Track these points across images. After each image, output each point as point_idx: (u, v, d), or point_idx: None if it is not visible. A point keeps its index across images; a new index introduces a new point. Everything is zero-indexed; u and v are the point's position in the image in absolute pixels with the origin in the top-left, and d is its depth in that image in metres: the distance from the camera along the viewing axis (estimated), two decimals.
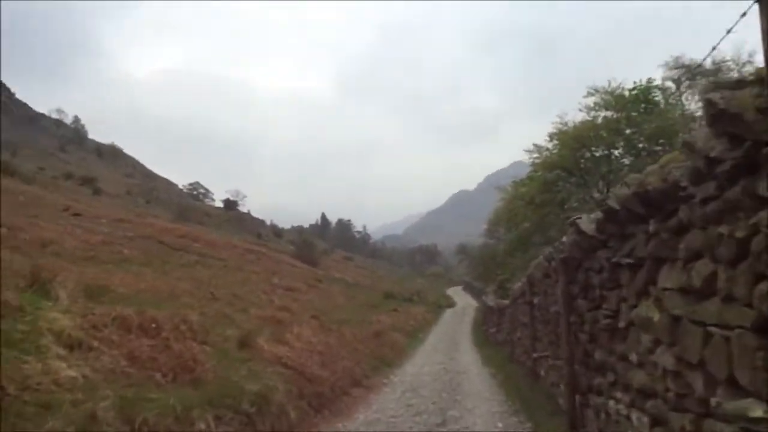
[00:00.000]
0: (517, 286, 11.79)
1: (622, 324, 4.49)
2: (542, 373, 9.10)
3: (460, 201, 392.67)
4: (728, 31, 2.92)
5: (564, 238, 6.19)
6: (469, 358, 15.15)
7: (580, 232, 5.26)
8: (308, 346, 8.10)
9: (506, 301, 16.22)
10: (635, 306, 4.12)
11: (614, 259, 4.49)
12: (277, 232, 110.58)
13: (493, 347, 17.90)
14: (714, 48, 3.25)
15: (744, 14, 2.53)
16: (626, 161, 25.22)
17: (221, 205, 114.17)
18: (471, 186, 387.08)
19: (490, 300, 23.38)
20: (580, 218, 5.37)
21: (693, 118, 25.11)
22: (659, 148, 23.82)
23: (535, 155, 25.37)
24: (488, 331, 21.87)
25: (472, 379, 10.84)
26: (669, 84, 25.30)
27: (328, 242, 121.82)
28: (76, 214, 38.07)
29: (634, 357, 4.21)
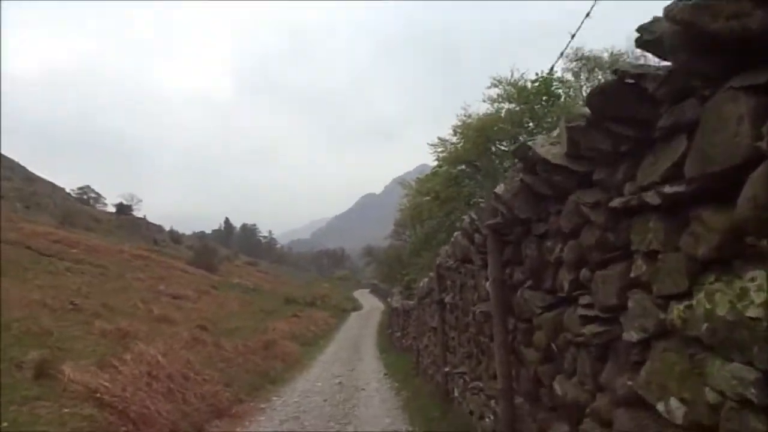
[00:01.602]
0: (423, 282, 9.76)
1: (633, 335, 2.32)
2: (456, 393, 7.05)
3: (367, 204, 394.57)
4: (572, 36, 4.59)
5: (498, 190, 3.83)
6: (371, 369, 13.57)
7: (532, 166, 3.13)
8: (151, 369, 6.14)
9: (412, 302, 14.84)
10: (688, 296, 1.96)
11: (615, 202, 2.40)
12: (175, 237, 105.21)
13: (398, 354, 16.40)
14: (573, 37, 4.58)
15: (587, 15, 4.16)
16: None
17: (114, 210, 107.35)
18: (378, 189, 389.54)
19: (395, 301, 21.98)
20: (528, 144, 3.15)
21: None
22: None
23: (440, 149, 24.36)
24: (393, 335, 20.37)
25: (371, 397, 9.19)
26: (569, 77, 25.14)
27: (231, 248, 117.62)
28: None
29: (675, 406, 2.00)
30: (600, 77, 23.92)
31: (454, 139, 24.48)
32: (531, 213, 3.49)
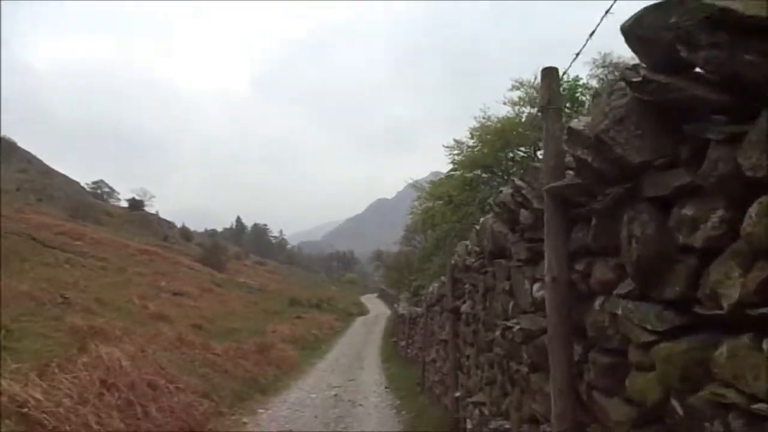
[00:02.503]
0: (433, 287, 8.70)
1: None
2: (470, 426, 5.53)
3: (379, 209, 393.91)
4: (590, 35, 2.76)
5: (578, 123, 2.22)
6: (372, 380, 12.48)
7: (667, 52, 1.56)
8: (107, 377, 5.26)
9: (419, 309, 13.82)
10: None
11: None
12: (186, 234, 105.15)
13: (403, 364, 15.28)
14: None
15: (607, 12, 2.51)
16: None
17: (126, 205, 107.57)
18: (390, 195, 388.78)
19: (402, 308, 21.03)
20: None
21: None
22: None
23: (456, 152, 23.43)
24: (398, 344, 19.38)
25: (368, 416, 8.09)
26: (594, 84, 24.10)
27: (242, 247, 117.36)
28: None
29: None
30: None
31: (471, 142, 23.57)
32: (653, 151, 1.85)
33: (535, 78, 22.55)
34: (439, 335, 7.52)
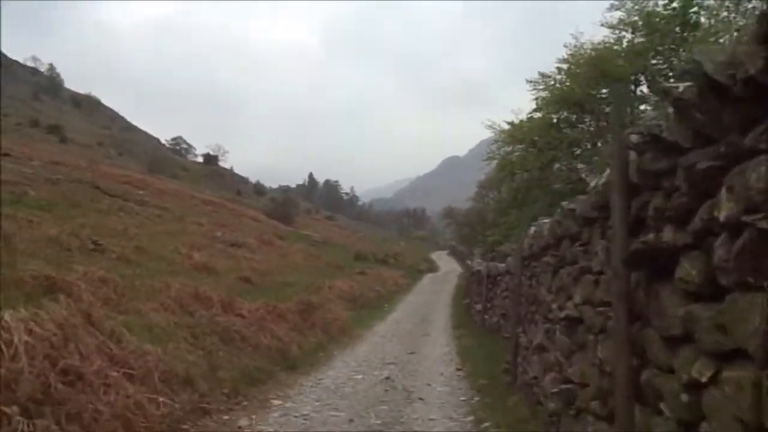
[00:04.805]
0: (539, 228, 5.36)
1: None
2: None
3: (451, 166, 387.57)
4: None
5: None
6: (438, 354, 9.80)
7: None
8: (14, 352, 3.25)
9: (502, 265, 10.92)
10: None
11: None
12: (259, 189, 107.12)
13: (478, 334, 12.31)
14: None
15: None
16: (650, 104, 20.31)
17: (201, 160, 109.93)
18: (462, 152, 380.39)
19: (477, 263, 18.40)
20: None
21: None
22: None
23: (540, 87, 20.24)
24: (472, 307, 16.75)
25: (430, 421, 5.43)
26: (711, 2, 20.02)
27: (313, 203, 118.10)
28: (5, 155, 33.39)
29: None
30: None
31: (559, 77, 20.32)
32: None
33: None
34: (551, 306, 4.51)
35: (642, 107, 20.37)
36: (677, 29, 19.04)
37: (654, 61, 19.78)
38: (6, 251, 6.88)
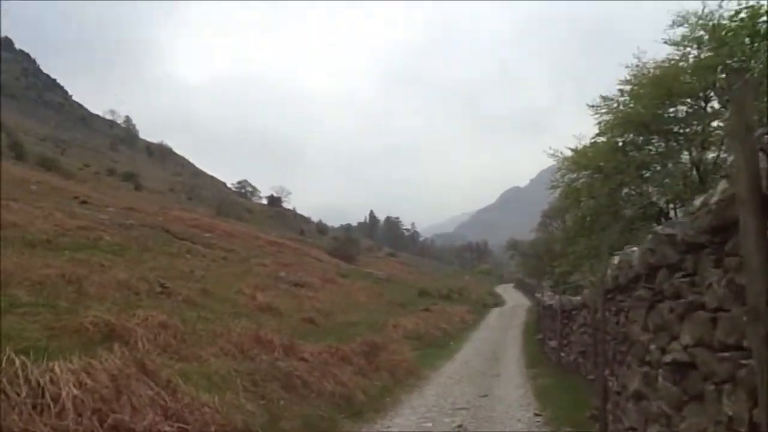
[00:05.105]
0: (626, 255, 4.68)
1: None
2: None
3: (512, 198, 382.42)
4: None
5: None
6: (514, 397, 9.05)
7: None
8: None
9: (577, 298, 10.29)
10: None
11: None
12: (321, 229, 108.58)
13: (555, 373, 11.57)
14: None
15: None
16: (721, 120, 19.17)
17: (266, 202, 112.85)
18: (523, 182, 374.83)
19: (548, 297, 17.52)
20: None
21: None
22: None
23: (603, 110, 19.52)
24: (545, 343, 15.78)
25: None
26: None
27: (375, 240, 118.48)
28: (84, 202, 35.22)
29: None
30: None
31: (622, 99, 19.58)
32: None
33: (703, 8, 18.01)
34: (647, 346, 3.88)
35: (715, 124, 19.30)
36: (746, 40, 18.02)
37: (722, 76, 18.76)
38: (75, 296, 6.96)
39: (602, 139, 20.28)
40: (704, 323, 2.81)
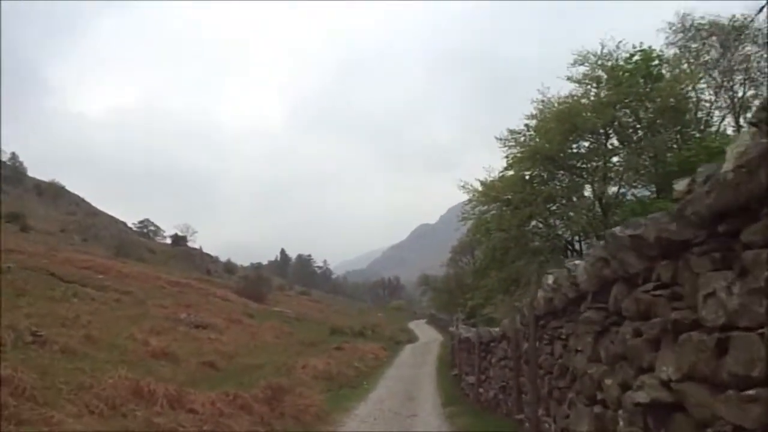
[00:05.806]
0: (562, 274, 4.28)
1: None
2: None
3: (422, 234, 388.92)
4: None
5: None
6: None
7: None
8: None
9: (496, 330, 9.72)
10: None
11: None
12: (230, 268, 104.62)
13: (473, 412, 10.80)
14: None
15: None
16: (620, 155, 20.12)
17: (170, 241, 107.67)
18: (433, 219, 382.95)
19: (464, 329, 17.11)
20: None
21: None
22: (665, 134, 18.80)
23: (511, 143, 19.88)
24: (462, 379, 15.23)
25: None
26: (672, 51, 20.20)
27: (286, 278, 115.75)
28: None
29: None
30: (716, 46, 18.98)
31: (528, 133, 20.07)
32: None
33: (602, 48, 18.93)
34: (600, 381, 3.29)
35: (614, 159, 20.16)
36: (641, 81, 19.09)
37: (621, 113, 19.73)
38: None
39: (510, 172, 20.62)
40: (700, 349, 2.16)
